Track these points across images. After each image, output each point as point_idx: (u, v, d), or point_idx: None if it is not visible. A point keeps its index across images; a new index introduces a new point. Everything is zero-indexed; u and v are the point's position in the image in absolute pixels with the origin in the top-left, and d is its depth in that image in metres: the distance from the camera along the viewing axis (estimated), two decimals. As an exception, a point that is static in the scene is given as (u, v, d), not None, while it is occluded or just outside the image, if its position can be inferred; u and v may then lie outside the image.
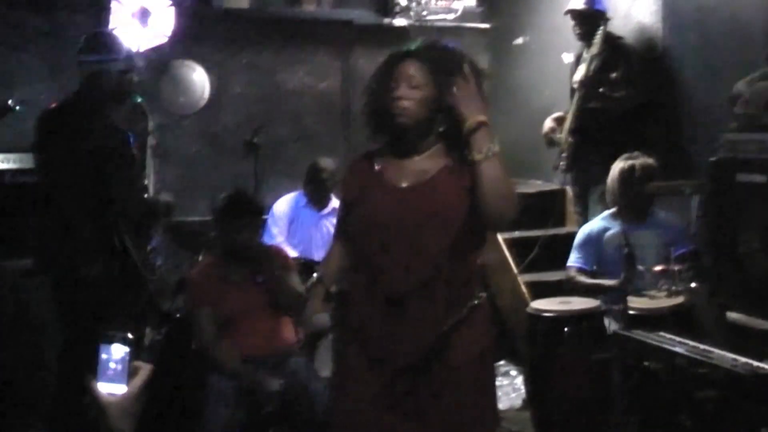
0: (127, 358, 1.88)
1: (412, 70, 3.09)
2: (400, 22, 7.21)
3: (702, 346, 3.74)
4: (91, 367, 1.90)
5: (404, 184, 3.13)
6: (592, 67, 5.74)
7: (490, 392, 3.32)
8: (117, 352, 1.89)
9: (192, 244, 5.67)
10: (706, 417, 3.50)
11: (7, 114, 4.26)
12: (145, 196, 4.79)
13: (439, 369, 3.08)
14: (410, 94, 3.07)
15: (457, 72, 3.06)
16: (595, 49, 5.74)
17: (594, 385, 4.52)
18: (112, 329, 1.93)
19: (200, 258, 5.40)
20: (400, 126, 3.10)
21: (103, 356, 1.89)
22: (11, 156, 5.36)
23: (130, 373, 1.89)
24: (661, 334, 3.96)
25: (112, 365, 1.88)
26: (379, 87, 3.17)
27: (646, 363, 3.87)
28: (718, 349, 3.71)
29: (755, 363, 3.49)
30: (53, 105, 4.55)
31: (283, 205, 6.05)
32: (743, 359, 3.53)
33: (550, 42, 6.87)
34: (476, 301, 3.16)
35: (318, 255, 5.57)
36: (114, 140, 4.47)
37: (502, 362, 5.79)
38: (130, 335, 1.90)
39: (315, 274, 3.40)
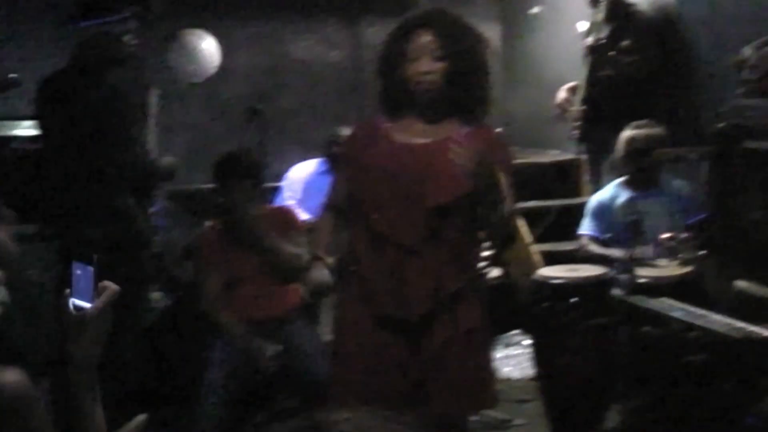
0: (92, 276, 1.97)
1: (430, 40, 3.15)
2: (411, -10, 7.21)
3: (700, 312, 3.82)
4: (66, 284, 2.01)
5: (412, 140, 3.22)
6: (601, 33, 5.80)
7: (489, 357, 3.43)
8: (84, 270, 1.99)
9: (199, 210, 5.79)
10: (699, 381, 3.59)
11: (11, 87, 4.38)
12: (148, 159, 4.84)
13: (442, 331, 3.18)
14: (434, 67, 3.14)
15: (469, 43, 3.18)
16: (600, 15, 5.80)
17: (598, 353, 4.59)
18: (81, 252, 2.04)
19: (206, 224, 5.52)
20: (425, 100, 3.19)
21: (75, 273, 2.00)
22: (18, 123, 5.48)
23: (96, 293, 1.98)
24: (662, 299, 4.05)
25: (80, 282, 1.99)
26: (395, 58, 3.22)
27: (645, 328, 3.97)
28: (720, 316, 3.80)
29: (750, 327, 3.57)
30: (52, 72, 4.65)
31: (299, 171, 6.12)
32: (739, 324, 3.61)
33: (564, 10, 6.90)
34: (481, 270, 3.28)
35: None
36: (111, 103, 4.53)
37: (515, 332, 5.90)
38: (96, 256, 1.99)
39: (313, 254, 3.46)
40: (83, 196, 4.46)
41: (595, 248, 5.12)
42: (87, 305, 1.97)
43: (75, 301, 1.98)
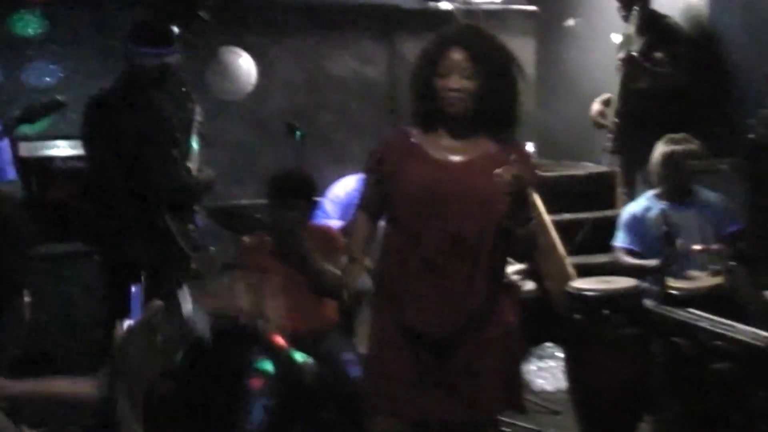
0: (140, 295, 2.06)
1: (462, 59, 3.24)
2: (445, 5, 7.31)
3: (727, 322, 3.87)
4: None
5: (444, 158, 3.31)
6: (634, 46, 5.87)
7: (518, 367, 3.51)
8: (134, 292, 2.08)
9: (238, 227, 5.88)
10: (728, 390, 3.63)
11: (58, 109, 4.51)
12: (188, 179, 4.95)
13: (471, 341, 3.27)
14: (463, 85, 3.23)
15: (500, 63, 3.27)
16: (632, 27, 5.86)
17: (631, 364, 4.65)
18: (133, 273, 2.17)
19: (245, 240, 5.62)
20: (452, 116, 3.28)
21: (132, 297, 2.07)
22: (60, 143, 5.65)
23: (144, 308, 2.05)
24: (690, 310, 4.10)
25: (132, 303, 2.06)
26: (427, 73, 3.31)
27: (674, 339, 4.02)
28: (749, 326, 3.84)
29: (776, 336, 3.62)
30: (99, 94, 4.77)
31: (340, 188, 6.15)
32: (765, 333, 3.66)
33: (599, 23, 6.95)
34: (508, 280, 3.38)
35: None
36: (156, 126, 4.67)
37: (549, 344, 5.94)
38: (142, 275, 2.12)
39: (346, 256, 3.55)
40: (125, 214, 4.57)
41: (629, 260, 5.18)
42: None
43: (126, 321, 2.06)
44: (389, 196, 3.39)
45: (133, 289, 2.08)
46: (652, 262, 4.97)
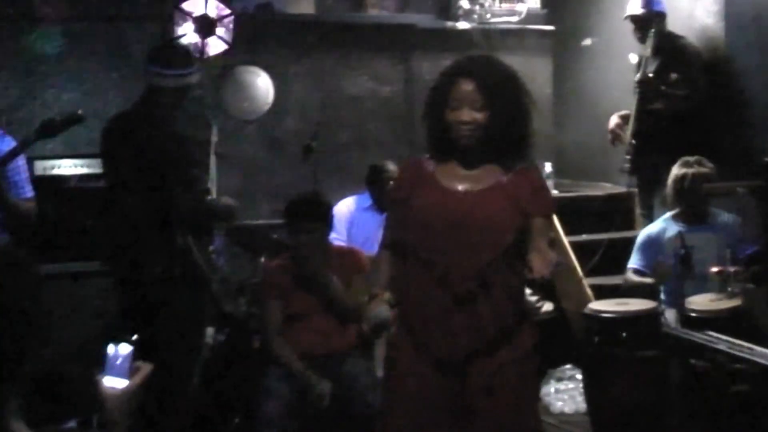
0: (130, 356, 2.14)
1: (472, 90, 3.25)
2: (462, 25, 7.33)
3: (746, 344, 3.89)
4: (99, 361, 2.17)
5: (455, 187, 3.34)
6: (649, 67, 5.91)
7: (535, 389, 3.54)
8: (123, 350, 2.15)
9: (253, 247, 5.92)
10: (743, 412, 3.65)
11: (76, 123, 4.53)
12: (207, 199, 4.99)
13: (489, 363, 3.29)
14: (474, 117, 3.25)
15: (511, 92, 3.31)
16: (649, 49, 5.90)
17: (649, 386, 4.66)
18: (120, 332, 2.21)
19: (261, 261, 5.66)
20: (463, 148, 3.31)
21: (110, 352, 2.16)
22: (76, 161, 5.67)
23: (132, 371, 2.14)
24: (709, 333, 4.12)
25: (117, 361, 2.15)
26: (438, 106, 3.33)
27: (693, 361, 4.04)
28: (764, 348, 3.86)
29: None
30: (119, 113, 4.81)
31: (342, 207, 6.16)
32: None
33: (616, 43, 6.97)
34: (525, 304, 3.43)
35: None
36: (175, 147, 4.68)
37: (567, 366, 5.95)
38: (135, 337, 2.16)
39: (372, 291, 3.51)
40: (143, 235, 4.57)
41: (633, 277, 5.26)
42: (122, 381, 2.13)
43: (109, 379, 2.14)
44: (404, 226, 3.43)
45: (112, 347, 2.15)
46: (648, 280, 5.06)
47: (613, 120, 6.28)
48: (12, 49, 6.40)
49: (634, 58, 6.28)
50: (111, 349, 2.15)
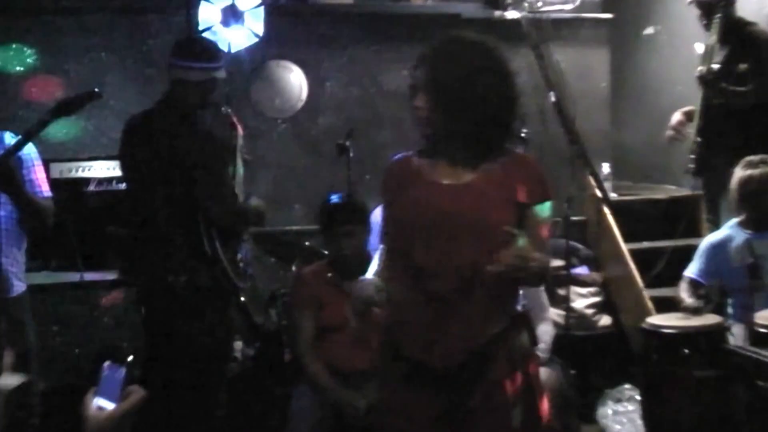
0: (122, 379, 2.14)
1: (428, 76, 3.25)
2: (512, 14, 7.30)
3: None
4: (92, 380, 2.17)
5: (445, 182, 3.32)
6: (715, 58, 5.85)
7: (534, 408, 3.51)
8: (115, 371, 2.15)
9: (284, 254, 5.97)
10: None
11: (93, 100, 4.52)
12: (237, 203, 4.97)
13: (479, 382, 3.27)
14: (422, 102, 3.23)
15: (465, 74, 3.24)
16: (713, 38, 5.85)
17: (713, 409, 4.64)
18: (115, 348, 2.24)
19: (293, 269, 5.70)
20: (423, 135, 3.32)
21: (103, 373, 2.16)
22: (95, 163, 5.75)
23: (123, 395, 2.15)
24: (780, 351, 4.09)
25: (108, 382, 2.15)
26: (410, 93, 3.34)
27: (759, 383, 4.01)
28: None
29: None
30: (140, 112, 4.83)
31: (378, 215, 6.21)
32: None
33: (680, 31, 6.95)
34: (518, 311, 3.40)
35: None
36: (203, 146, 4.72)
37: (626, 386, 5.92)
38: (130, 359, 2.16)
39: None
40: (169, 240, 4.61)
41: (682, 294, 5.22)
42: (110, 404, 2.13)
43: (99, 400, 2.14)
44: (390, 223, 3.46)
45: (107, 365, 2.15)
46: (692, 303, 5.02)
47: (675, 117, 6.21)
48: (28, 43, 6.51)
49: (699, 48, 6.16)
50: (107, 367, 2.16)
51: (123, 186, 5.40)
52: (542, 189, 3.34)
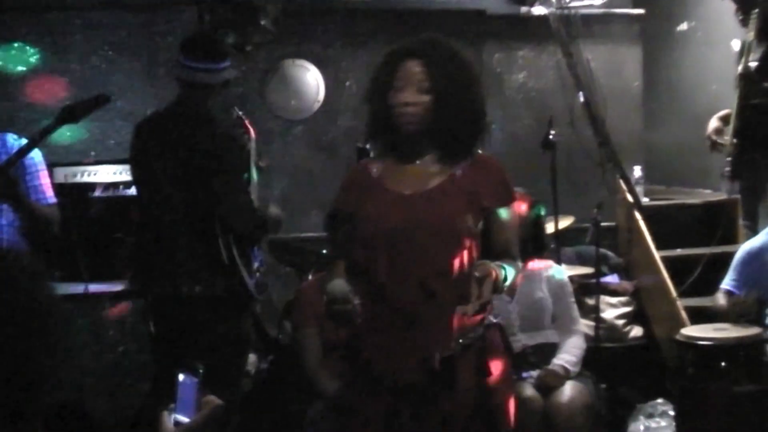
0: (196, 389, 2.11)
1: (420, 72, 3.30)
2: (539, 10, 7.24)
3: None
4: (161, 395, 2.17)
5: (407, 191, 3.35)
6: (753, 55, 5.80)
7: (504, 421, 3.47)
8: (189, 383, 2.12)
9: (301, 263, 5.94)
10: None
11: (102, 105, 4.50)
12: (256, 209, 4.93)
13: (446, 392, 3.30)
14: (418, 99, 3.28)
15: (461, 77, 3.33)
16: (751, 34, 5.80)
17: (750, 425, 4.62)
18: (187, 359, 2.22)
19: (309, 278, 5.67)
20: (406, 133, 3.33)
21: (178, 386, 2.11)
22: (102, 168, 5.74)
23: (198, 406, 2.11)
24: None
25: (183, 395, 2.11)
26: (380, 88, 3.37)
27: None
28: None
29: None
30: (151, 114, 4.84)
31: None
32: None
33: (716, 27, 6.92)
34: (490, 321, 3.41)
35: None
36: (223, 149, 4.65)
37: (659, 400, 5.83)
38: (201, 368, 2.12)
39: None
40: (183, 248, 4.58)
41: (722, 303, 5.18)
42: (185, 418, 2.09)
43: (177, 417, 2.10)
44: (351, 236, 3.45)
45: (181, 377, 2.11)
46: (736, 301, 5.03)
47: (712, 124, 6.17)
48: (30, 41, 6.51)
49: (736, 45, 6.15)
50: (181, 378, 2.11)
51: (131, 191, 5.38)
52: (506, 191, 3.42)
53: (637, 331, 6.50)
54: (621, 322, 6.46)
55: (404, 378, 3.29)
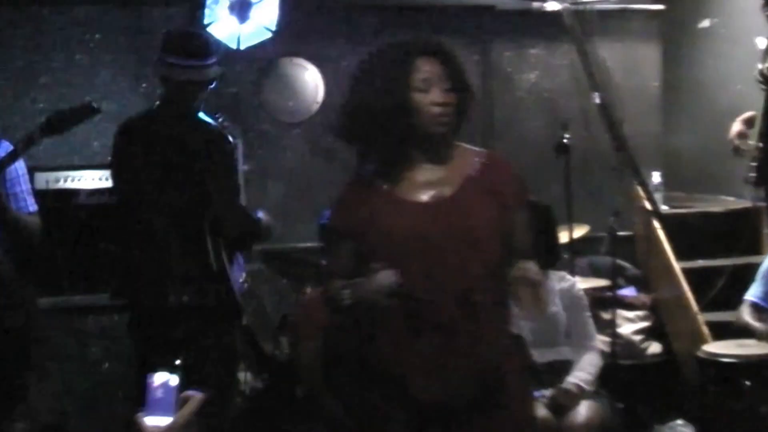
0: (174, 387, 2.05)
1: (439, 70, 3.26)
2: (552, 6, 7.22)
3: None
4: (137, 398, 2.08)
5: (425, 199, 3.27)
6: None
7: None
8: (163, 380, 2.06)
9: (298, 275, 5.88)
10: None
11: (89, 116, 4.47)
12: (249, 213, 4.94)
13: (494, 410, 3.25)
14: (448, 99, 3.24)
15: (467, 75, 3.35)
16: (776, 29, 5.73)
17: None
18: (162, 357, 2.10)
19: (308, 291, 5.61)
20: (436, 136, 3.27)
21: (150, 386, 2.06)
22: (84, 173, 5.69)
23: (179, 404, 2.05)
24: None
25: (158, 395, 2.05)
26: (399, 87, 3.25)
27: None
28: None
29: None
30: (134, 115, 4.78)
31: None
32: None
33: (739, 24, 6.82)
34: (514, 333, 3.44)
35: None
36: (214, 148, 4.62)
37: (679, 422, 5.85)
38: (178, 362, 2.07)
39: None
40: (170, 255, 4.53)
41: (747, 318, 5.13)
42: (166, 419, 2.03)
43: (151, 419, 2.04)
44: (366, 258, 3.31)
45: (157, 377, 2.06)
46: (760, 327, 4.98)
47: (735, 127, 6.08)
48: (9, 38, 6.44)
49: (761, 43, 6.07)
50: (152, 380, 2.07)
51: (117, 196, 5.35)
52: (523, 189, 3.42)
53: (655, 347, 6.47)
54: (638, 337, 6.43)
55: (445, 396, 3.22)
